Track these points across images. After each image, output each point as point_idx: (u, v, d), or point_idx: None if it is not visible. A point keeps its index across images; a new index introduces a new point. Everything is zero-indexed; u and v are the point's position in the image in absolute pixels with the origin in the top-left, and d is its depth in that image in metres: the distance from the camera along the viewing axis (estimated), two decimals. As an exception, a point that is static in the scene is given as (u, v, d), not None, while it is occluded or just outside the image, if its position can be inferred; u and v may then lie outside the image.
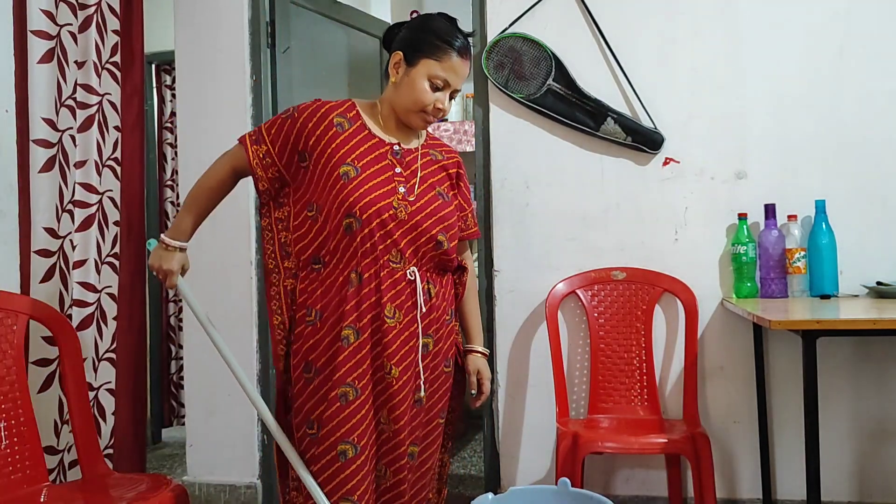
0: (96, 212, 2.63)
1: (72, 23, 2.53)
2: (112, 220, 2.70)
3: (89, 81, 2.61)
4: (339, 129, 1.77)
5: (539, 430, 2.77)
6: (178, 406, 4.26)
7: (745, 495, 2.66)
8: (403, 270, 1.74)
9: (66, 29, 2.49)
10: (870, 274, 2.56)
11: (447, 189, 1.85)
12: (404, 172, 1.78)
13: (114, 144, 2.71)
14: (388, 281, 1.72)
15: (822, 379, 2.43)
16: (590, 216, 2.75)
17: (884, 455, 2.60)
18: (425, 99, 1.73)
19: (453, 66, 1.73)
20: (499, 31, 2.77)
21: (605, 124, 2.69)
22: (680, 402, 2.65)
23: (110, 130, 2.70)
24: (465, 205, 1.92)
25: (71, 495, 1.99)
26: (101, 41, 2.68)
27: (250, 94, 2.90)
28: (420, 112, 1.76)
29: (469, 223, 1.95)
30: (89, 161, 2.59)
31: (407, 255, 1.74)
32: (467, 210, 1.93)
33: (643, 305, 2.67)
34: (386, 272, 1.72)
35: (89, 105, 2.61)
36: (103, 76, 2.68)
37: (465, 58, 1.75)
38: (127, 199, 2.77)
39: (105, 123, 2.68)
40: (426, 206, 1.77)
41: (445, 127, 4.27)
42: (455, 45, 1.73)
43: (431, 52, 1.73)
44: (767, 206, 2.57)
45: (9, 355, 2.03)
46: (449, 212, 1.81)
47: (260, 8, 2.91)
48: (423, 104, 1.74)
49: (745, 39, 2.66)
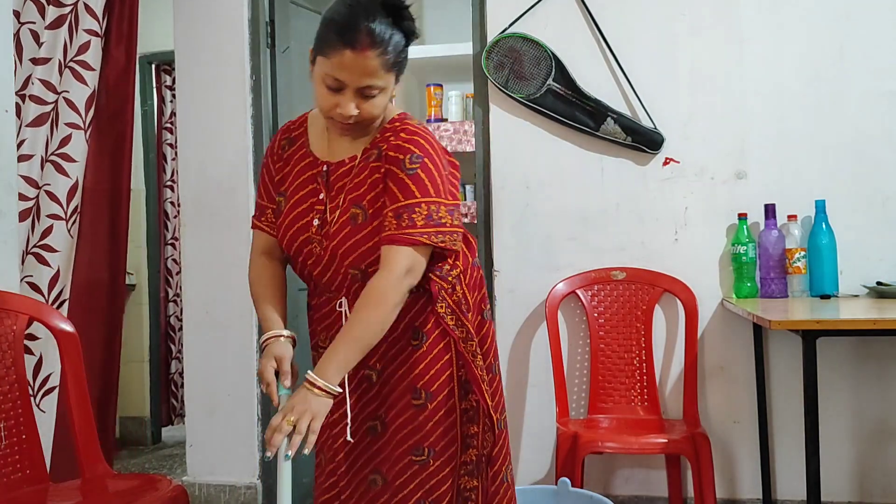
0: (33, 205, 2.64)
1: (35, 21, 2.54)
2: (45, 213, 2.70)
3: (50, 78, 2.62)
4: (282, 152, 1.67)
5: (539, 430, 2.77)
6: (178, 406, 4.27)
7: (745, 495, 2.66)
8: (333, 302, 1.61)
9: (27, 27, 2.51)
10: (870, 274, 2.56)
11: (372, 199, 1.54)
12: (328, 196, 1.58)
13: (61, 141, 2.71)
14: (322, 310, 1.64)
15: (822, 379, 2.43)
16: (590, 216, 2.75)
17: (884, 455, 2.60)
18: (323, 103, 1.49)
19: (343, 62, 1.43)
20: (499, 31, 2.77)
21: (605, 124, 2.69)
22: (680, 402, 2.65)
23: (60, 127, 2.71)
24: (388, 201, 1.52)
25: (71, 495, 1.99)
26: (70, 40, 2.69)
27: (250, 93, 2.90)
28: (329, 118, 1.52)
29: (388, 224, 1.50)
30: (35, 156, 2.61)
31: (332, 288, 1.60)
32: (388, 208, 1.51)
33: (643, 305, 2.67)
34: (324, 300, 1.63)
35: (46, 101, 2.62)
36: (65, 74, 2.69)
37: (359, 49, 1.42)
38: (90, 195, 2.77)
39: (57, 120, 2.69)
40: (339, 234, 1.54)
41: (445, 127, 4.26)
42: (343, 37, 1.42)
43: (321, 48, 1.47)
44: (767, 206, 2.57)
45: (8, 355, 2.03)
46: (363, 237, 1.53)
47: (260, 8, 2.91)
48: (325, 110, 1.50)
49: (745, 39, 2.66)
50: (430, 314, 1.59)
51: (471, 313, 1.65)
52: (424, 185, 1.50)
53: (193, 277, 2.94)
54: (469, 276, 1.68)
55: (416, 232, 1.48)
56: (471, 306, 1.66)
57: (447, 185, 1.55)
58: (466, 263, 1.68)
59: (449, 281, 1.61)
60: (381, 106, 1.51)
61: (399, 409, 1.59)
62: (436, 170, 1.53)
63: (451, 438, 1.60)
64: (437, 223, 1.50)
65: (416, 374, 1.59)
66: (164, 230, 4.23)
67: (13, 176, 2.34)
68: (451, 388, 1.61)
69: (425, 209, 1.50)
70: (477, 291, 1.71)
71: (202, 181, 2.90)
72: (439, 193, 1.52)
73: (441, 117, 4.37)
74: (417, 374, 1.59)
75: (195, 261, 2.94)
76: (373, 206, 1.53)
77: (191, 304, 2.95)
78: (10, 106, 2.32)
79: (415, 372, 1.59)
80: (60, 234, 2.71)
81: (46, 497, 1.96)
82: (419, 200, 1.50)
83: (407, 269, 1.48)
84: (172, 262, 4.23)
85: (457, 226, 1.55)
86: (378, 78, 1.46)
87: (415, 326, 1.60)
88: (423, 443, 1.58)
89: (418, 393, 1.58)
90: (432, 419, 1.58)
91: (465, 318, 1.62)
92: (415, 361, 1.59)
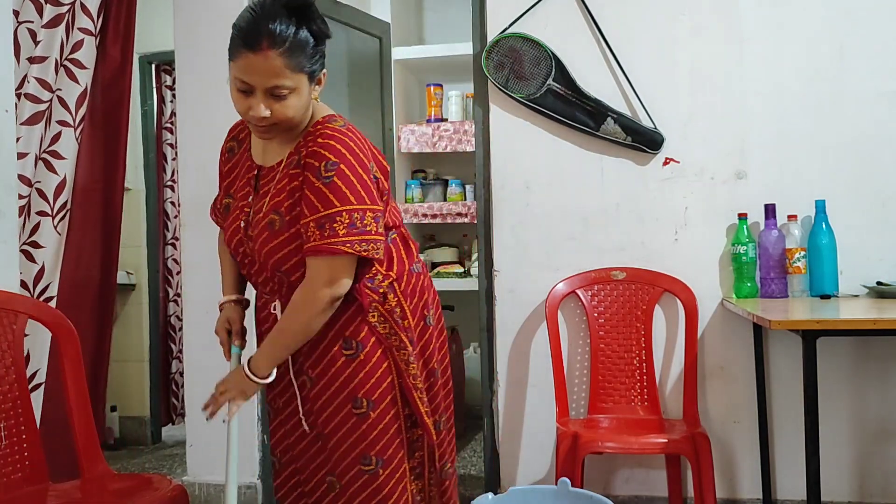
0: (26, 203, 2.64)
1: (33, 20, 2.55)
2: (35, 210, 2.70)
3: (46, 77, 2.63)
4: (229, 155, 1.74)
5: (539, 430, 2.77)
6: (178, 405, 4.26)
7: (745, 495, 2.66)
8: (270, 305, 1.67)
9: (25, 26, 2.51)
10: (870, 274, 2.56)
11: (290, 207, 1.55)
12: (254, 199, 1.63)
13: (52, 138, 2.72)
14: (263, 312, 1.72)
15: (822, 379, 2.43)
16: (590, 216, 2.75)
17: (884, 455, 2.60)
18: (238, 107, 1.52)
19: (247, 64, 1.46)
20: (499, 31, 2.77)
21: (605, 124, 2.69)
22: (680, 402, 2.65)
23: (52, 125, 2.71)
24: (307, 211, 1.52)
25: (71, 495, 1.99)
26: (66, 38, 2.70)
27: (250, 93, 2.90)
28: (248, 122, 1.55)
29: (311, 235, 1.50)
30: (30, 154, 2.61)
31: (267, 290, 1.67)
32: (308, 218, 1.51)
33: (643, 305, 2.67)
34: (263, 302, 1.72)
35: (42, 100, 2.63)
36: (60, 73, 2.70)
37: (259, 50, 1.44)
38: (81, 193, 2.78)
39: (50, 118, 2.69)
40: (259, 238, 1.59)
41: (445, 127, 4.26)
42: (244, 40, 1.45)
43: (230, 54, 1.50)
44: (767, 206, 2.57)
45: (8, 355, 2.03)
46: (279, 242, 1.56)
47: (260, 8, 2.91)
48: (241, 113, 1.53)
49: (745, 39, 2.66)
50: (363, 323, 1.61)
51: (407, 321, 1.65)
52: (342, 192, 1.50)
53: (193, 277, 2.94)
54: (406, 283, 1.67)
55: (338, 241, 1.49)
56: (407, 314, 1.65)
57: (370, 191, 1.53)
58: (402, 269, 1.67)
59: (380, 292, 1.62)
60: (295, 107, 1.51)
61: (340, 419, 1.61)
62: (353, 175, 1.51)
63: (397, 445, 1.63)
64: (360, 231, 1.51)
65: (356, 384, 1.60)
66: (165, 230, 4.23)
67: (13, 176, 2.34)
68: (393, 395, 1.63)
69: (347, 217, 1.49)
70: (417, 297, 1.70)
71: (202, 181, 2.89)
72: (361, 200, 1.51)
73: (441, 117, 4.37)
74: (357, 383, 1.60)
75: (195, 261, 2.93)
76: (290, 213, 1.55)
77: (191, 304, 2.95)
78: (10, 106, 2.32)
79: (354, 382, 1.60)
80: (48, 230, 2.72)
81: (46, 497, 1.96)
82: (340, 209, 1.49)
83: (328, 280, 1.52)
84: (172, 262, 4.23)
85: (380, 234, 1.55)
86: (284, 78, 1.47)
87: (345, 336, 1.61)
88: (369, 451, 1.60)
89: (359, 402, 1.60)
90: (377, 427, 1.61)
91: (399, 327, 1.62)
92: (353, 371, 1.61)
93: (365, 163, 1.54)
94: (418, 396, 1.64)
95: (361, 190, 1.52)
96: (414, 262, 1.73)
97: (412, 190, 4.45)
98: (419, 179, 4.50)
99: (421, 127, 4.30)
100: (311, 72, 1.52)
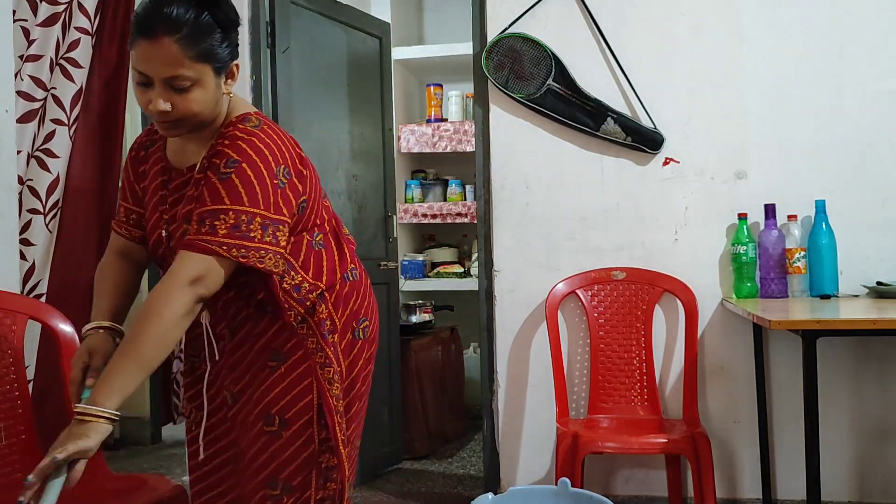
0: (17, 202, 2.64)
1: (27, 18, 2.55)
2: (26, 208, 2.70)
3: (40, 75, 2.63)
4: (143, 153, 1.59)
5: (539, 430, 2.77)
6: (178, 405, 4.26)
7: (745, 495, 2.66)
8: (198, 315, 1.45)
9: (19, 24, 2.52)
10: (870, 274, 2.55)
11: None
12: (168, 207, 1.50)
13: (45, 137, 2.71)
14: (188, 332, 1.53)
15: (822, 379, 2.42)
16: (590, 216, 2.75)
17: (884, 455, 2.60)
18: (139, 101, 1.39)
19: (143, 53, 1.34)
20: (499, 31, 2.77)
21: (605, 124, 2.69)
22: (680, 402, 2.65)
23: (46, 123, 2.71)
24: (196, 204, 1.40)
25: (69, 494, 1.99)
26: (63, 37, 2.70)
27: (250, 93, 2.90)
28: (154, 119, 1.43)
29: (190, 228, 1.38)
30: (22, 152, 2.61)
31: None
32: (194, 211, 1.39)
33: (643, 305, 2.67)
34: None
35: (35, 98, 2.63)
36: (55, 71, 2.70)
37: (154, 37, 1.32)
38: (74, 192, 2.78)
39: (44, 116, 2.69)
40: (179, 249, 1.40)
41: (445, 127, 4.26)
42: (140, 27, 1.33)
43: (129, 44, 1.37)
44: (767, 206, 2.57)
45: (8, 355, 2.03)
46: None
47: (260, 8, 2.91)
48: (143, 108, 1.40)
49: (745, 39, 2.66)
50: (292, 335, 1.48)
51: (335, 335, 1.51)
52: (237, 191, 1.35)
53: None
54: (338, 294, 1.54)
55: (213, 240, 1.33)
56: (337, 327, 1.52)
57: (268, 196, 1.38)
58: (333, 279, 1.53)
59: (307, 305, 1.48)
60: (200, 101, 1.38)
61: (252, 436, 1.48)
62: (255, 176, 1.37)
63: (308, 472, 1.47)
64: (242, 235, 1.34)
65: (271, 399, 1.46)
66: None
67: (13, 176, 2.34)
68: (310, 416, 1.47)
69: (232, 218, 1.34)
70: (350, 309, 1.56)
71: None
72: (255, 203, 1.36)
73: (441, 117, 4.37)
74: (272, 398, 1.46)
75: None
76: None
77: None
78: (10, 106, 2.32)
79: (269, 396, 1.46)
80: (38, 228, 2.71)
81: (46, 497, 1.95)
82: (227, 207, 1.34)
83: (194, 278, 1.33)
84: (171, 262, 4.22)
85: (269, 243, 1.37)
86: (183, 67, 1.34)
87: (273, 348, 1.48)
88: (277, 474, 1.46)
89: (272, 419, 1.46)
90: (288, 449, 1.46)
91: (325, 342, 1.48)
92: (271, 384, 1.47)
93: (272, 166, 1.39)
94: (338, 421, 1.47)
95: (259, 193, 1.37)
96: (348, 267, 1.58)
97: (412, 190, 4.45)
98: (419, 179, 4.50)
99: (421, 127, 4.30)
100: (216, 62, 1.37)
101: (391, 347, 3.42)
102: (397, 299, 3.56)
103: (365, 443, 3.16)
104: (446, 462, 3.52)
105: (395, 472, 3.38)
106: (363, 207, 3.34)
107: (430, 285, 4.34)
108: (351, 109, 3.29)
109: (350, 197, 3.26)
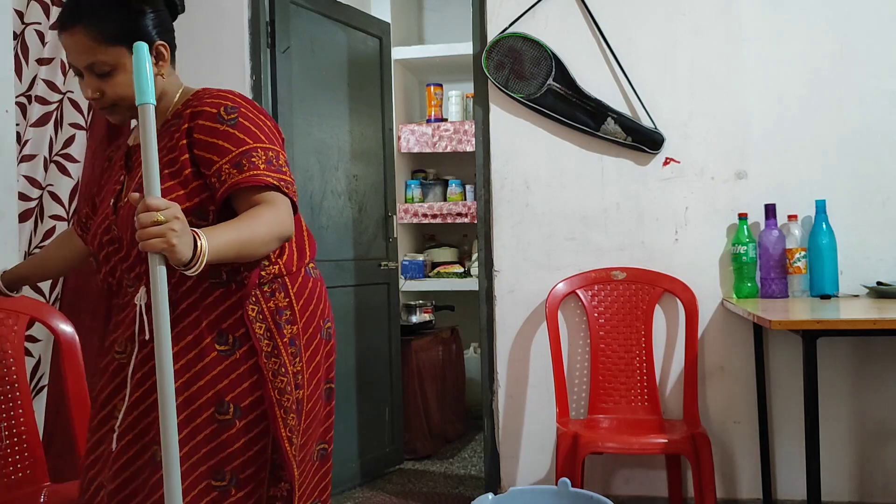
0: (35, 206, 2.64)
1: (41, 21, 2.54)
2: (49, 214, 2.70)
3: (53, 79, 2.63)
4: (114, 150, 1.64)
5: (539, 430, 2.77)
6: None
7: (745, 495, 2.66)
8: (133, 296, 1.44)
9: (33, 27, 2.51)
10: (870, 274, 2.56)
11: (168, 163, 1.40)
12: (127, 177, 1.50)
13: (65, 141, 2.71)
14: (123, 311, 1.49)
15: (822, 379, 2.43)
16: (590, 216, 2.75)
17: (884, 455, 2.60)
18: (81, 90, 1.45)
19: (63, 44, 1.41)
20: (499, 31, 2.77)
21: (606, 124, 2.69)
22: (680, 402, 2.65)
23: (65, 127, 2.71)
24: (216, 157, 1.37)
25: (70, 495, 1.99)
26: None
27: (250, 93, 2.90)
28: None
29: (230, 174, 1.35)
30: (38, 156, 2.61)
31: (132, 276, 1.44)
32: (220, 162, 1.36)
33: (643, 305, 2.67)
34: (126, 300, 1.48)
35: (49, 102, 2.62)
36: (68, 74, 2.70)
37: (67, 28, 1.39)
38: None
39: (61, 120, 2.69)
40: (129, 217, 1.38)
41: (445, 127, 4.27)
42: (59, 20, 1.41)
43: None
44: (767, 206, 2.57)
45: (9, 355, 2.03)
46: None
47: (260, 8, 2.91)
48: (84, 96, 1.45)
49: (745, 39, 2.66)
50: (242, 318, 1.42)
51: (294, 326, 1.46)
52: (252, 132, 1.39)
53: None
54: (301, 285, 1.49)
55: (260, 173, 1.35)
56: (297, 319, 1.47)
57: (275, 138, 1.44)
58: (292, 264, 1.48)
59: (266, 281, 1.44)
60: (125, 84, 1.39)
61: (199, 423, 1.39)
62: (258, 119, 1.42)
63: (259, 466, 1.41)
64: (277, 169, 1.38)
65: (226, 385, 1.39)
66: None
67: (13, 176, 2.34)
68: (264, 408, 1.42)
69: (263, 154, 1.37)
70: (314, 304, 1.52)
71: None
72: (272, 141, 1.41)
73: (441, 117, 4.37)
74: (227, 384, 1.39)
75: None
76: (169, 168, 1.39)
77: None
78: (10, 106, 2.32)
79: (223, 382, 1.39)
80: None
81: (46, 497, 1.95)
82: (253, 146, 1.37)
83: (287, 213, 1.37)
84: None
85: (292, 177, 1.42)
86: (99, 53, 1.38)
87: (221, 329, 1.41)
88: (225, 465, 1.39)
89: (225, 406, 1.39)
90: (239, 439, 1.39)
91: (278, 332, 1.43)
92: (224, 370, 1.40)
93: (264, 111, 1.46)
94: (281, 415, 1.41)
95: (269, 133, 1.41)
96: (307, 262, 1.54)
97: (412, 190, 4.45)
98: (419, 179, 4.50)
99: (421, 127, 4.30)
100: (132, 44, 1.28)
101: (392, 347, 3.42)
102: (397, 299, 3.56)
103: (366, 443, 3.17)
104: (447, 462, 3.53)
105: (396, 472, 3.39)
106: (363, 207, 3.34)
107: (431, 285, 4.35)
108: (351, 109, 3.30)
109: (350, 197, 3.26)
